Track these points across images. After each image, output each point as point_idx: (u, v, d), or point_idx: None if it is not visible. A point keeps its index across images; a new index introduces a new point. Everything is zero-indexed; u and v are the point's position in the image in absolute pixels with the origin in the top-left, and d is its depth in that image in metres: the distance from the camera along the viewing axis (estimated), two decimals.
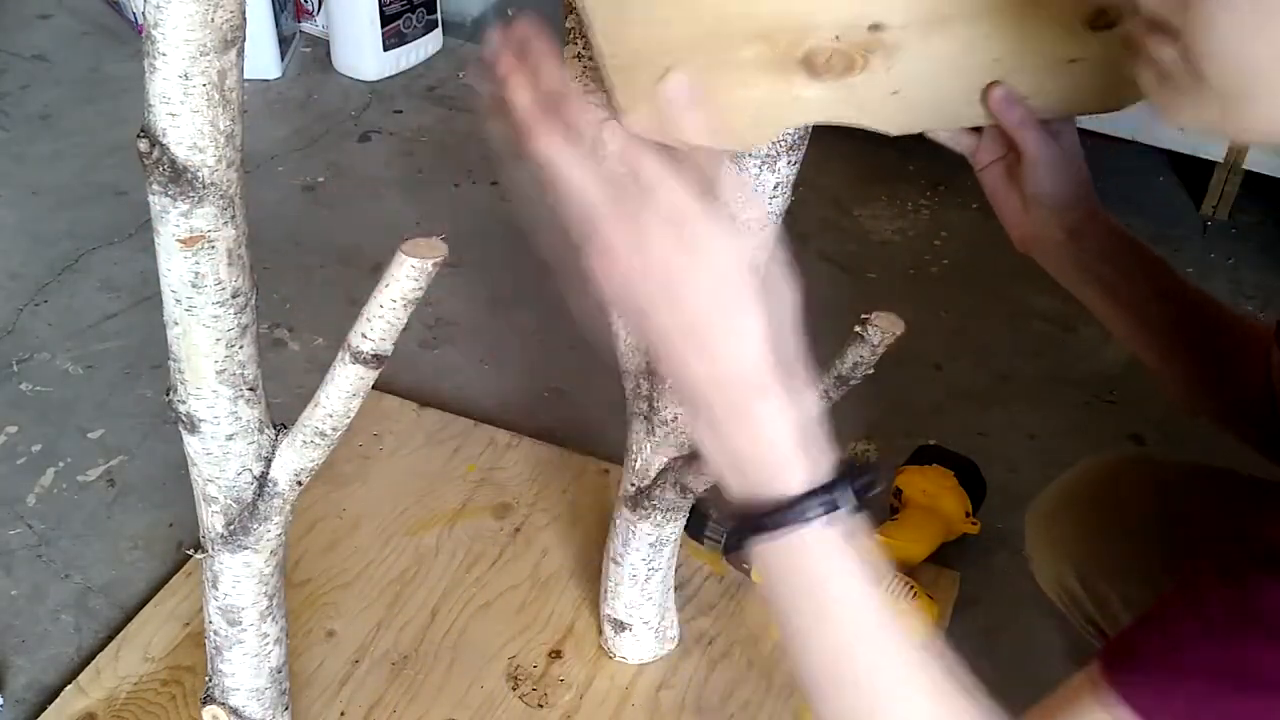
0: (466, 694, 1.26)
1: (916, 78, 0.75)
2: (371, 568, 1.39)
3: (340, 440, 0.90)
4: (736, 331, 0.59)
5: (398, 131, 2.20)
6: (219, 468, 0.92)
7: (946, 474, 1.44)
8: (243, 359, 0.88)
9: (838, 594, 0.61)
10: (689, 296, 0.58)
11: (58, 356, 1.69)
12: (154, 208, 0.82)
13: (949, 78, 0.77)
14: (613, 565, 1.23)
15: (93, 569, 1.41)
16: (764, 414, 0.59)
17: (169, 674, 1.27)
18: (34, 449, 1.55)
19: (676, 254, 0.58)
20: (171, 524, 1.46)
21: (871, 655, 0.62)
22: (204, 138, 0.78)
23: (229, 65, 0.77)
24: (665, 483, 1.13)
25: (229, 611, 1.00)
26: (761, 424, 0.59)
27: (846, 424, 1.71)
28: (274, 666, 1.06)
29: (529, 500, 1.48)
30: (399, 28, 2.32)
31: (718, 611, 1.36)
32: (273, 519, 0.94)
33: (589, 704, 1.26)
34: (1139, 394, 1.69)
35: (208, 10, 0.73)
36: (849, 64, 0.72)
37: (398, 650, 1.30)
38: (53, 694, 1.25)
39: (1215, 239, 1.99)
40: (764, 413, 0.59)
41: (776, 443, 0.60)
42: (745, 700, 1.26)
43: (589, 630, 1.33)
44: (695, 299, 0.58)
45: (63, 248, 1.88)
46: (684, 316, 0.59)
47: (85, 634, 1.33)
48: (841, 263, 1.90)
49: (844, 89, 0.74)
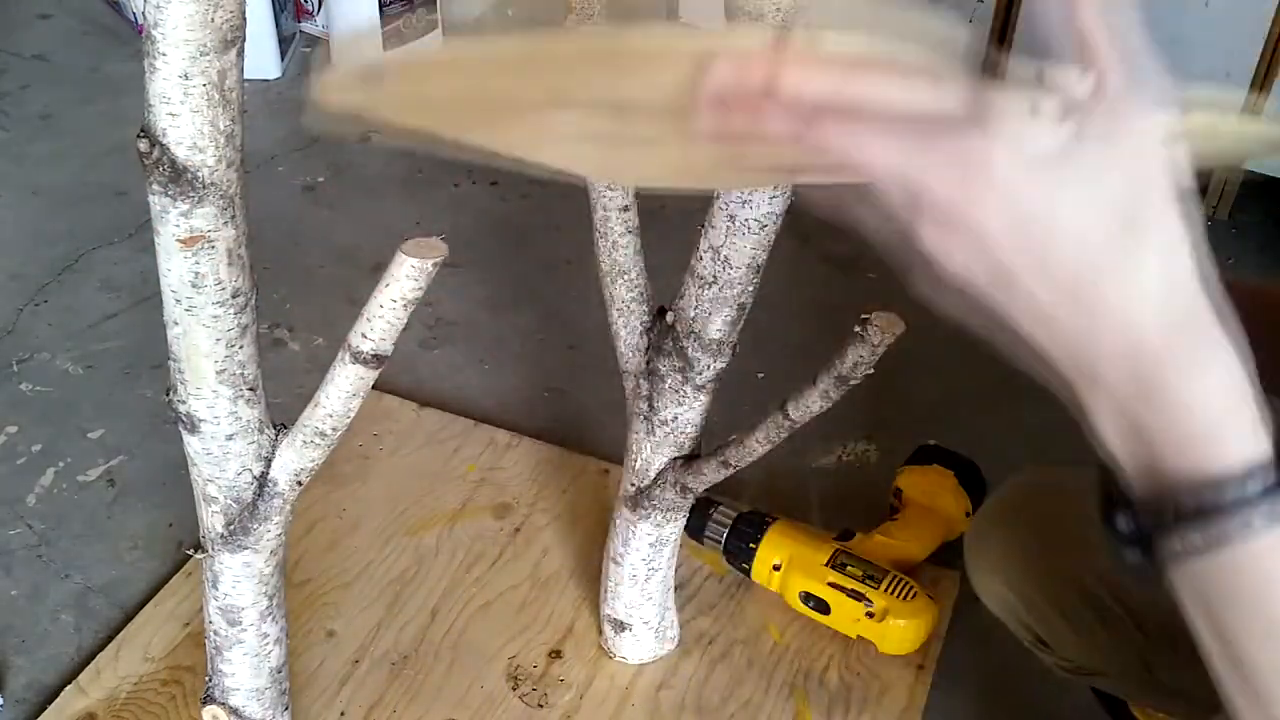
0: (466, 694, 1.26)
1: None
2: (371, 568, 1.39)
3: (340, 440, 0.90)
4: (1169, 240, 0.44)
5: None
6: (219, 468, 0.92)
7: (946, 474, 1.44)
8: (243, 359, 0.88)
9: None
10: (1106, 208, 0.43)
11: (58, 356, 1.69)
12: (154, 208, 0.82)
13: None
14: (613, 565, 1.23)
15: (93, 569, 1.41)
16: (1214, 359, 0.45)
17: (169, 674, 1.27)
18: (34, 449, 1.55)
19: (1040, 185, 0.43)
20: (171, 524, 1.46)
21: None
22: (204, 138, 0.78)
23: (229, 65, 0.77)
24: (665, 483, 1.13)
25: (229, 611, 1.00)
26: (1212, 375, 0.45)
27: (846, 424, 1.72)
28: (274, 666, 1.06)
29: (529, 500, 1.48)
30: (399, 28, 2.32)
31: (718, 611, 1.36)
32: (273, 519, 0.94)
33: (589, 704, 1.26)
34: None
35: (208, 10, 0.73)
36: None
37: (398, 650, 1.30)
38: (53, 694, 1.25)
39: (1215, 239, 1.97)
40: (1214, 357, 0.45)
41: (1226, 402, 0.45)
42: (745, 700, 1.26)
43: (589, 630, 1.33)
44: (1113, 209, 0.43)
45: (63, 248, 1.88)
46: (1100, 238, 0.43)
47: (85, 634, 1.33)
48: (841, 263, 1.90)
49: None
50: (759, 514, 1.37)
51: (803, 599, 1.31)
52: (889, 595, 1.28)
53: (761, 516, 1.37)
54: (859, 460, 1.58)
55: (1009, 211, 0.43)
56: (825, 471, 1.56)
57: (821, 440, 1.58)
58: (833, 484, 1.54)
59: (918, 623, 1.28)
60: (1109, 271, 0.44)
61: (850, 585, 1.29)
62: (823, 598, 1.30)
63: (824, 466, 1.57)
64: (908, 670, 1.29)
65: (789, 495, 1.51)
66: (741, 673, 1.29)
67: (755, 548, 1.34)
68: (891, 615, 1.27)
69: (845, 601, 1.29)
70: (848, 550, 1.33)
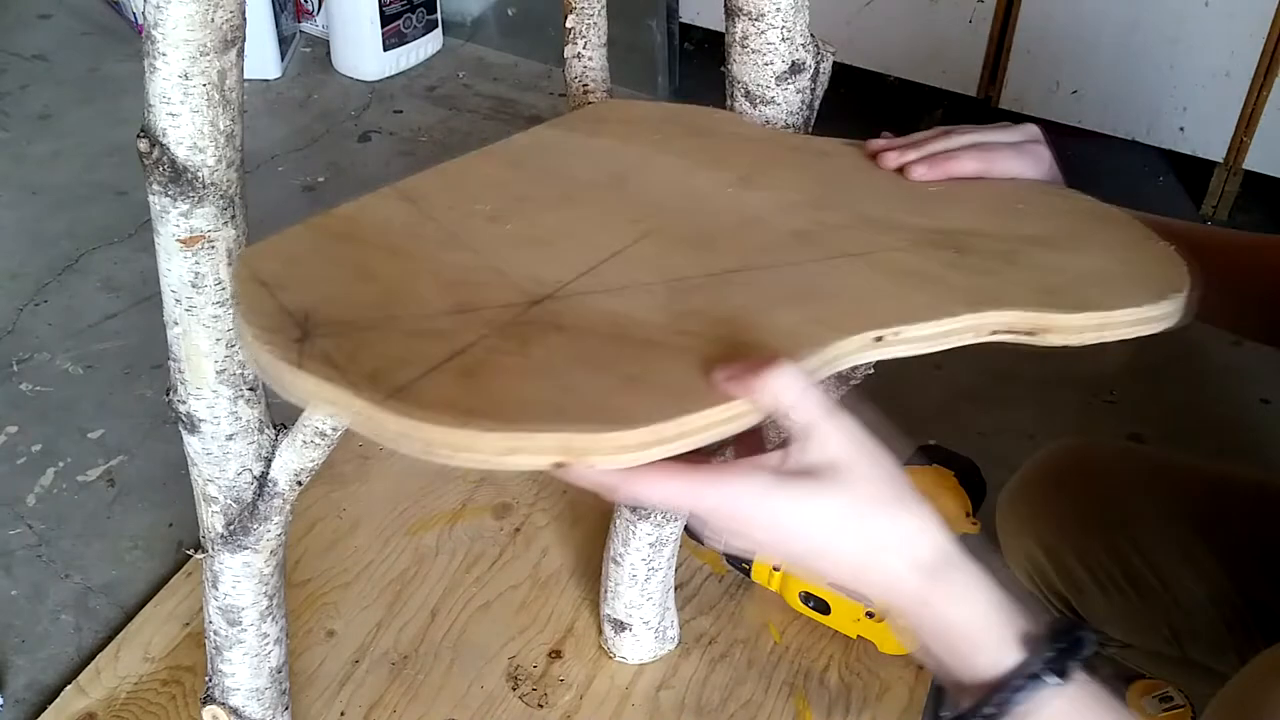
0: (466, 694, 1.27)
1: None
2: (371, 568, 1.39)
3: (340, 440, 0.90)
4: (904, 521, 0.59)
5: (398, 131, 2.20)
6: (219, 468, 0.92)
7: (946, 474, 1.44)
8: (243, 359, 0.88)
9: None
10: (825, 556, 0.59)
11: (58, 356, 1.69)
12: (154, 208, 0.82)
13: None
14: (613, 565, 1.23)
15: (93, 569, 1.41)
16: (956, 593, 0.59)
17: (169, 674, 1.27)
18: (34, 449, 1.55)
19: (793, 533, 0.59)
20: (171, 524, 1.46)
21: None
22: (204, 138, 0.78)
23: (229, 65, 0.77)
24: None
25: (229, 611, 1.00)
26: (955, 604, 0.59)
27: None
28: (274, 666, 1.06)
29: (529, 500, 1.48)
30: (399, 28, 2.32)
31: (718, 611, 1.36)
32: (273, 519, 0.94)
33: (589, 704, 1.26)
34: (1139, 394, 1.69)
35: (208, 10, 0.73)
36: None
37: (398, 650, 1.30)
38: (53, 694, 1.25)
39: None
40: (956, 592, 0.59)
41: (973, 618, 0.59)
42: (745, 700, 1.26)
43: (589, 630, 1.33)
44: (831, 556, 0.59)
45: (63, 248, 1.88)
46: (826, 568, 0.60)
47: (85, 634, 1.34)
48: None
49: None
50: None
51: (803, 599, 1.31)
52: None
53: None
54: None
55: (769, 532, 0.58)
56: None
57: None
58: None
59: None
60: (863, 555, 0.59)
61: None
62: (823, 598, 1.30)
63: None
64: (908, 670, 1.29)
65: None
66: (741, 673, 1.29)
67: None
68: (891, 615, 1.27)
69: (845, 602, 1.29)
70: None
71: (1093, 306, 0.70)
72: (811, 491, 0.58)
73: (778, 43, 0.91)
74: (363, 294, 0.67)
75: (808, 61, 0.93)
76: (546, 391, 0.60)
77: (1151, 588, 1.02)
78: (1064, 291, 0.71)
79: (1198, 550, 1.00)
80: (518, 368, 0.62)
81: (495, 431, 0.56)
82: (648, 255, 0.73)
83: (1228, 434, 1.63)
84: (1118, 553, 1.03)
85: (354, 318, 0.64)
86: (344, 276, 0.69)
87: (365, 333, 0.63)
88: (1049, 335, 0.70)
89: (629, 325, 0.66)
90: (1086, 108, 1.97)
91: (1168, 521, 1.02)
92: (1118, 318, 0.70)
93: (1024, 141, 0.90)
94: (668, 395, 0.60)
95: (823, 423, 0.58)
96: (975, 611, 0.59)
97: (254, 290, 0.67)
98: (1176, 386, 1.70)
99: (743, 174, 0.84)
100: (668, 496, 0.59)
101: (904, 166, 0.86)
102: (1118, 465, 1.09)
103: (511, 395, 0.59)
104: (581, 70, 1.03)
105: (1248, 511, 1.01)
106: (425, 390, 0.59)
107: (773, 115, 0.95)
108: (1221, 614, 0.99)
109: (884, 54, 2.09)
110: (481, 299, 0.67)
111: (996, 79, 2.02)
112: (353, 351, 0.61)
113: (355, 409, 0.59)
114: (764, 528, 0.58)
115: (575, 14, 1.00)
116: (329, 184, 2.06)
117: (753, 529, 0.58)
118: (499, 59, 2.42)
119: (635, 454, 0.58)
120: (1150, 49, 1.88)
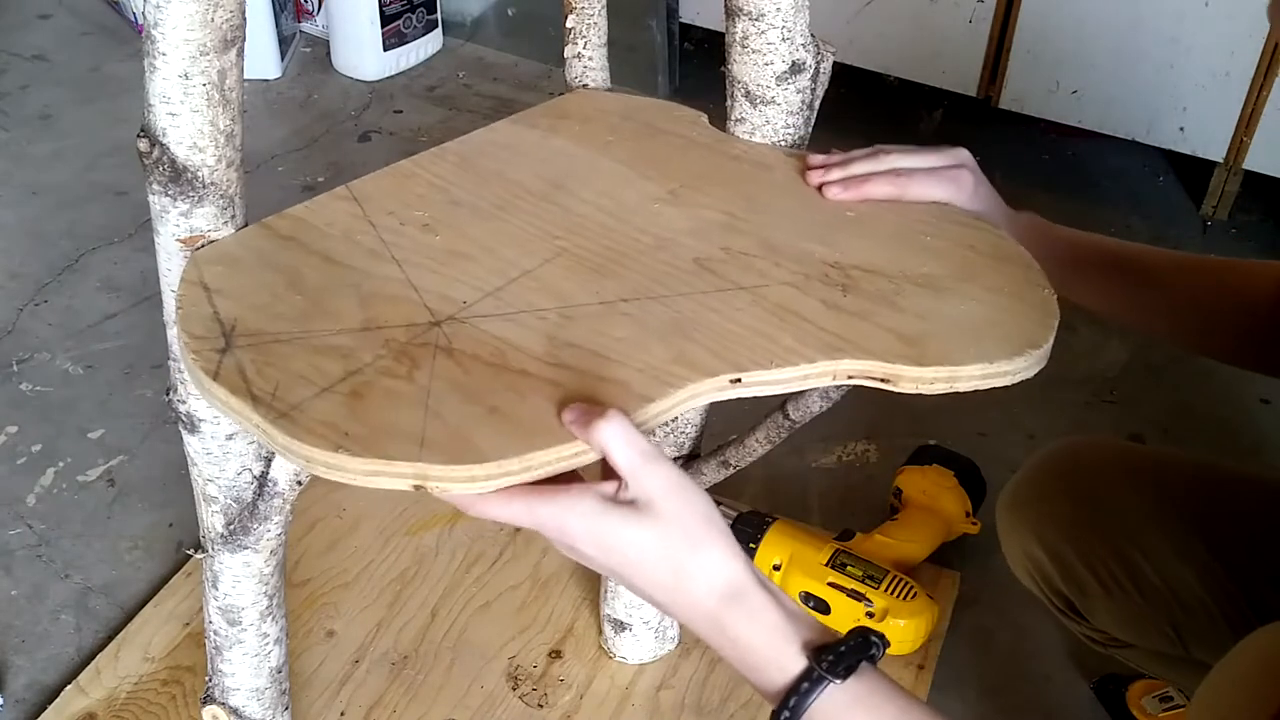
0: (466, 694, 1.27)
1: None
2: (371, 568, 1.39)
3: None
4: (704, 556, 0.67)
5: (398, 131, 2.20)
6: (219, 468, 0.92)
7: (946, 474, 1.44)
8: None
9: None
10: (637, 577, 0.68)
11: (58, 356, 1.69)
12: (154, 208, 0.82)
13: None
14: None
15: (93, 569, 1.41)
16: (747, 618, 0.67)
17: (169, 674, 1.27)
18: (34, 449, 1.55)
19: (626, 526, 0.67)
20: (171, 524, 1.46)
21: None
22: (204, 138, 0.78)
23: (229, 65, 0.77)
24: None
25: (229, 611, 1.00)
26: (747, 627, 0.67)
27: (846, 424, 1.72)
28: (274, 666, 1.06)
29: None
30: (399, 28, 2.32)
31: None
32: (273, 519, 0.94)
33: (589, 704, 1.26)
34: (1139, 394, 1.69)
35: (207, 10, 0.74)
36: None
37: (398, 650, 1.30)
38: (53, 694, 1.25)
39: (1215, 239, 1.99)
40: (747, 616, 0.67)
41: (764, 637, 0.66)
42: (745, 700, 1.26)
43: (589, 630, 1.33)
44: (642, 576, 0.68)
45: (63, 248, 1.88)
46: (639, 586, 0.68)
47: (85, 634, 1.34)
48: None
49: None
50: (759, 514, 1.37)
51: (803, 599, 1.31)
52: (889, 595, 1.28)
53: (761, 517, 1.37)
54: (859, 460, 1.58)
55: (592, 549, 0.67)
56: (825, 471, 1.56)
57: (821, 440, 1.58)
58: (833, 484, 1.54)
59: (918, 622, 1.28)
60: (668, 579, 0.67)
61: (850, 585, 1.29)
62: (823, 598, 1.30)
63: (824, 466, 1.57)
64: (908, 670, 1.29)
65: (789, 495, 1.51)
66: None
67: (755, 547, 1.34)
68: (891, 615, 1.27)
69: (845, 601, 1.29)
70: (848, 550, 1.33)
71: (945, 361, 0.75)
72: (629, 521, 0.66)
73: (778, 43, 0.91)
74: (287, 306, 0.77)
75: (808, 61, 0.93)
76: (415, 421, 0.69)
77: (1153, 586, 1.02)
78: (925, 341, 0.76)
79: (1198, 548, 1.00)
80: (399, 393, 0.71)
81: (360, 457, 0.68)
82: (553, 277, 0.81)
83: (1228, 434, 1.63)
84: (1119, 552, 1.03)
85: (274, 330, 0.75)
86: (276, 284, 0.79)
87: (280, 345, 0.74)
88: (901, 383, 0.76)
89: (509, 354, 0.74)
90: (1086, 108, 1.97)
91: (1168, 520, 1.02)
92: (967, 372, 0.75)
93: (947, 166, 0.92)
94: (519, 432, 0.68)
95: (642, 467, 0.66)
96: (763, 630, 0.66)
97: (196, 294, 0.78)
98: (1176, 386, 1.70)
99: (673, 187, 0.91)
100: (512, 515, 0.68)
101: (822, 186, 0.90)
102: (1117, 464, 1.09)
103: (384, 421, 0.69)
104: (581, 70, 1.03)
105: (1247, 509, 1.02)
106: (312, 411, 0.69)
107: (773, 115, 0.95)
108: (1224, 612, 0.99)
109: (884, 54, 2.09)
110: (389, 316, 0.77)
111: (996, 79, 2.02)
112: (263, 366, 0.72)
113: (254, 422, 0.70)
114: (588, 544, 0.67)
115: (575, 14, 1.00)
116: (329, 184, 2.06)
117: (579, 544, 0.67)
118: (499, 59, 2.43)
119: (483, 484, 0.67)
120: (1150, 49, 1.88)
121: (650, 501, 0.66)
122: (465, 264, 0.81)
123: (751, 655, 0.67)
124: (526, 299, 0.79)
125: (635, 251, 0.83)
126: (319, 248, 0.82)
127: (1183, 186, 2.09)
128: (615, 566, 0.68)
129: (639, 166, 0.92)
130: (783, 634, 0.67)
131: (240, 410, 0.70)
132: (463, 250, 0.83)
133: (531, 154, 0.94)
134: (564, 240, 0.84)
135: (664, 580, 0.67)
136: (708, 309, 0.78)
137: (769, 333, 0.77)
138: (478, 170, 0.91)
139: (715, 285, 0.81)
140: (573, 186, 0.90)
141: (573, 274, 0.81)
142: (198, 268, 0.80)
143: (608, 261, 0.82)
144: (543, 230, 0.85)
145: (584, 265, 0.82)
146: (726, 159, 0.94)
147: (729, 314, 0.78)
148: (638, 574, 0.67)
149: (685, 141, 0.96)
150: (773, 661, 0.66)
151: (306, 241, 0.83)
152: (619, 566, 0.67)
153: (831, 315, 0.78)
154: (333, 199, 0.87)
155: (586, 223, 0.86)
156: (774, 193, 0.90)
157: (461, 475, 0.67)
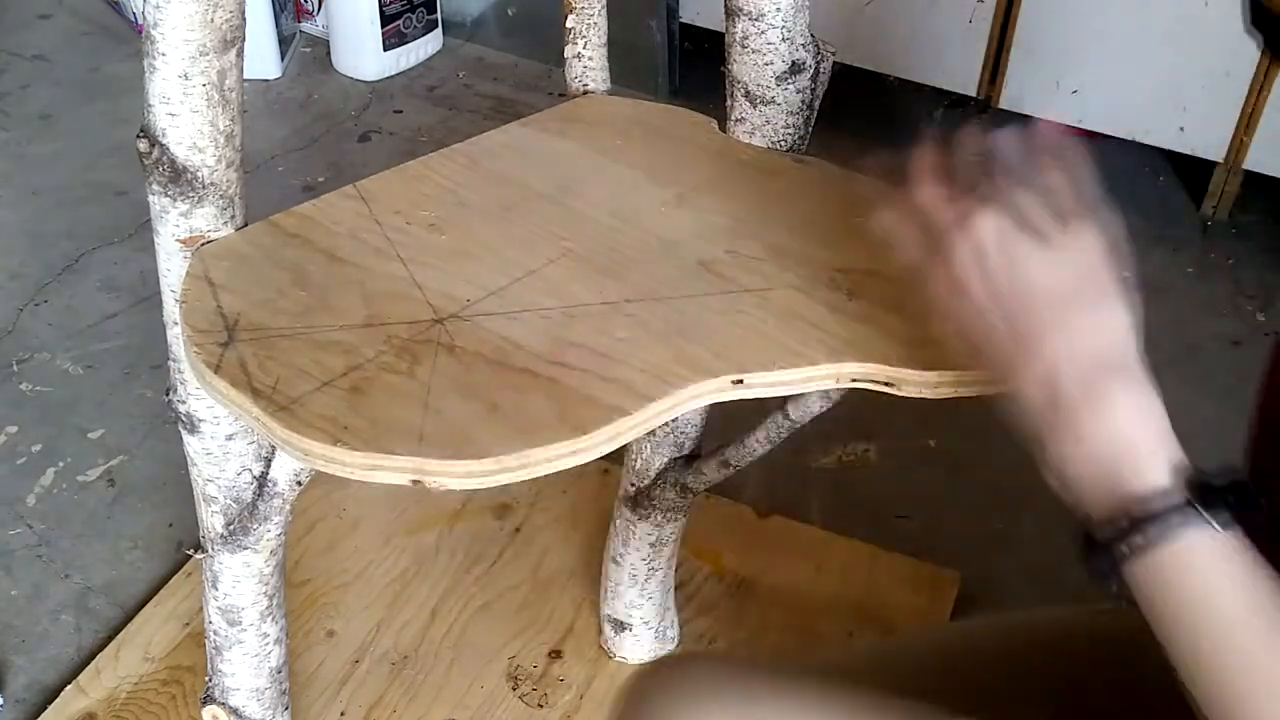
0: (466, 694, 1.26)
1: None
2: (371, 568, 1.39)
3: None
4: (1105, 310, 0.59)
5: (398, 131, 2.20)
6: (219, 468, 0.92)
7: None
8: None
9: (1233, 613, 0.54)
10: (1058, 280, 0.60)
11: (58, 356, 1.69)
12: (154, 208, 0.82)
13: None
14: (613, 565, 1.23)
15: (93, 569, 1.41)
16: (1128, 399, 0.57)
17: (169, 674, 1.27)
18: (34, 449, 1.55)
19: (1041, 247, 0.60)
20: (171, 524, 1.46)
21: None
22: (204, 138, 0.78)
23: (229, 65, 0.77)
24: (665, 483, 1.13)
25: (229, 611, 1.00)
26: (1124, 409, 0.56)
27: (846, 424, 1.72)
28: (274, 666, 1.06)
29: (529, 500, 1.48)
30: (399, 28, 2.32)
31: (718, 611, 1.36)
32: (272, 519, 0.94)
33: (589, 704, 1.26)
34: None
35: (207, 10, 0.73)
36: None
37: (398, 650, 1.30)
38: (53, 694, 1.25)
39: (1215, 239, 1.99)
40: (1128, 398, 0.57)
41: (1140, 431, 0.57)
42: None
43: (589, 630, 1.33)
44: (1062, 282, 0.60)
45: (63, 248, 1.88)
46: (1050, 298, 0.59)
47: (85, 634, 1.33)
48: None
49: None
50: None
51: None
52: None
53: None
54: (859, 460, 1.58)
55: (996, 275, 0.60)
56: (825, 471, 1.56)
57: (821, 440, 1.58)
58: (833, 484, 1.54)
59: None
60: (1049, 322, 0.59)
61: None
62: None
63: (824, 466, 1.57)
64: None
65: (789, 495, 1.51)
66: None
67: None
68: None
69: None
70: None
71: (949, 366, 0.75)
72: (1056, 243, 0.60)
73: (778, 43, 0.91)
74: (290, 301, 0.77)
75: (808, 61, 0.93)
76: (415, 416, 0.68)
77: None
78: (930, 346, 0.75)
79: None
80: (400, 388, 0.70)
81: (359, 451, 0.66)
82: (558, 278, 0.80)
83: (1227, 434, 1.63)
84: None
85: (277, 325, 0.75)
86: (281, 280, 0.79)
87: (282, 340, 0.74)
88: (905, 387, 0.76)
89: (512, 351, 0.74)
90: (1086, 108, 1.97)
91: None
92: (970, 376, 0.74)
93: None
94: (518, 429, 0.68)
95: (1087, 216, 0.61)
96: (1146, 428, 0.56)
97: (201, 289, 0.78)
98: (1176, 387, 1.69)
99: (681, 191, 0.90)
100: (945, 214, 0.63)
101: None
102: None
103: (383, 416, 0.68)
104: (581, 70, 1.03)
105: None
106: (312, 405, 0.69)
107: (773, 115, 0.95)
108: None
109: (884, 54, 2.09)
110: (393, 313, 0.76)
111: (996, 79, 2.02)
112: (265, 360, 0.72)
113: (253, 414, 0.69)
114: (999, 251, 0.60)
115: (575, 14, 1.00)
116: (329, 184, 2.06)
117: (991, 252, 0.61)
118: (499, 59, 2.42)
119: (480, 479, 0.66)
120: (1150, 49, 1.88)
121: (1080, 246, 0.60)
122: (470, 263, 0.81)
123: (1112, 445, 0.56)
124: (530, 298, 0.78)
125: (640, 253, 0.83)
126: (325, 245, 0.82)
127: (1183, 186, 2.09)
128: (1009, 285, 0.60)
129: (647, 171, 0.92)
130: (1159, 437, 0.57)
131: (240, 403, 0.70)
132: (468, 250, 0.83)
133: (540, 157, 0.94)
134: (570, 241, 0.84)
135: (1051, 317, 0.58)
136: (711, 311, 0.78)
137: (772, 335, 0.77)
138: (486, 172, 0.91)
139: (720, 287, 0.80)
140: (580, 189, 0.90)
141: (577, 275, 0.81)
142: (203, 262, 0.80)
143: (612, 263, 0.82)
144: (549, 231, 0.85)
145: (589, 266, 0.82)
146: (735, 165, 0.94)
147: (732, 316, 0.78)
148: (1028, 299, 0.59)
149: (694, 147, 0.96)
150: (1141, 461, 0.56)
151: (312, 239, 0.83)
152: (1013, 285, 0.60)
153: (836, 318, 0.78)
154: (340, 198, 0.88)
155: (593, 225, 0.86)
156: (781, 198, 0.90)
157: (459, 470, 0.66)
